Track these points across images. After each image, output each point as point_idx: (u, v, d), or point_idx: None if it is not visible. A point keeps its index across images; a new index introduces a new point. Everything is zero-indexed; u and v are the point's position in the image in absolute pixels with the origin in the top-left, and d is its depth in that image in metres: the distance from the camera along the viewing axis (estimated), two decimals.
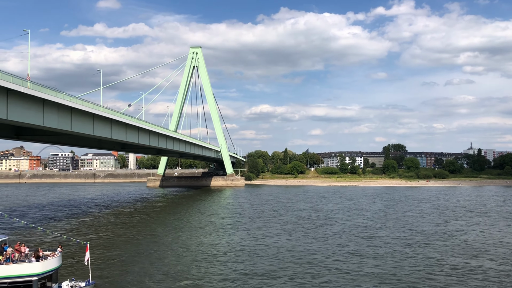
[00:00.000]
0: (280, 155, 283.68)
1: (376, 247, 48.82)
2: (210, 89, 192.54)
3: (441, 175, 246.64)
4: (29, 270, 26.85)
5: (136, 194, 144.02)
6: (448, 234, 58.28)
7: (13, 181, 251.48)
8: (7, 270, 26.65)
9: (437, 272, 37.67)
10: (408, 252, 46.02)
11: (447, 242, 52.09)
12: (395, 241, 52.50)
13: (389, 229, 62.27)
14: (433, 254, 45.18)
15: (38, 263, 27.23)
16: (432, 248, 48.42)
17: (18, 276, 26.64)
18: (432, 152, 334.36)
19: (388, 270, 38.09)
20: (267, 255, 44.10)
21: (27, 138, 73.93)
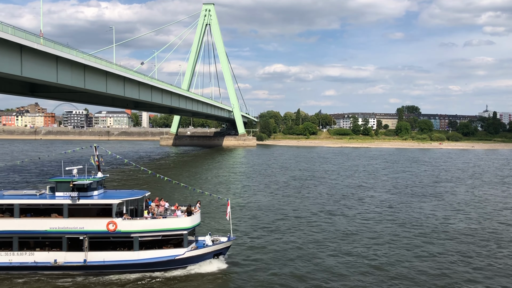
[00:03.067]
0: (292, 115, 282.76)
1: (350, 207, 49.73)
2: (222, 47, 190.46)
3: (454, 138, 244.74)
4: (181, 224, 27.89)
5: (160, 151, 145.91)
6: (433, 195, 59.18)
7: (28, 137, 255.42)
8: (162, 224, 27.75)
9: (400, 234, 38.32)
10: (383, 212, 46.96)
11: (432, 203, 53.07)
12: (374, 201, 53.61)
13: (377, 190, 63.31)
14: (412, 215, 45.76)
15: (188, 218, 28.19)
16: (414, 210, 48.83)
17: (172, 229, 27.75)
18: (446, 115, 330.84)
19: (353, 229, 39.23)
20: (250, 210, 46.25)
21: (42, 95, 74.69)
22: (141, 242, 27.45)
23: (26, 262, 27.13)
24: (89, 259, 27.09)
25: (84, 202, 27.88)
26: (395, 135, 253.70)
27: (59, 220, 27.49)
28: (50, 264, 27.05)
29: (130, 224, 27.38)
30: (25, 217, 27.68)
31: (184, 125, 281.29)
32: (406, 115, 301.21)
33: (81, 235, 27.19)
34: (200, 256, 28.38)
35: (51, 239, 27.56)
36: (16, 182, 64.02)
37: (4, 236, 27.42)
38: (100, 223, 27.26)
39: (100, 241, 27.42)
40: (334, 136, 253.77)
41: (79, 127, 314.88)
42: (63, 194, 28.19)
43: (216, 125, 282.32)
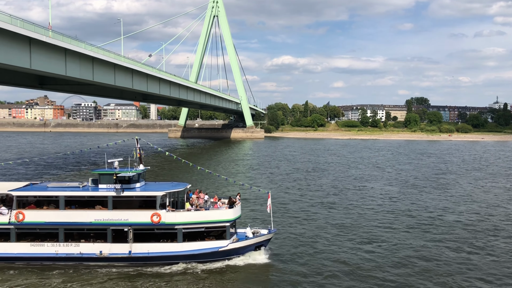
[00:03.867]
0: (300, 107, 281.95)
1: (348, 199, 49.69)
2: (230, 39, 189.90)
3: (463, 130, 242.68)
4: (224, 216, 28.10)
5: (168, 143, 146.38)
6: (435, 187, 58.99)
7: (38, 129, 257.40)
8: (206, 216, 28.01)
9: (394, 224, 38.38)
10: (380, 202, 47.01)
11: (432, 195, 52.86)
12: (375, 192, 53.56)
13: (378, 181, 63.14)
14: (408, 207, 45.66)
15: (230, 210, 28.36)
16: (410, 201, 48.74)
17: (215, 221, 27.98)
18: (455, 106, 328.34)
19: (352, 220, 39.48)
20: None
21: (50, 88, 75.06)
22: (184, 234, 27.70)
23: (72, 253, 27.60)
24: (134, 250, 27.46)
25: (128, 194, 28.21)
26: (404, 127, 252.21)
27: (103, 212, 27.86)
28: (96, 256, 27.47)
29: (174, 216, 27.67)
30: (69, 209, 28.10)
31: (192, 118, 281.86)
32: (415, 106, 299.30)
33: (126, 227, 27.55)
34: (243, 248, 28.58)
35: (96, 230, 27.98)
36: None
37: (50, 227, 27.87)
38: (144, 215, 27.58)
39: (144, 233, 27.78)
40: (342, 128, 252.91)
41: (88, 119, 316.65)
42: (107, 186, 28.49)
43: (224, 117, 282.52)
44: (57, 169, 71.86)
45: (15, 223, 27.64)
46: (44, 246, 27.72)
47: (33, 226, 27.90)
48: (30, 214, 27.78)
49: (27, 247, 27.70)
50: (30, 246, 27.71)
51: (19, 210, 27.79)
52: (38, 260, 27.56)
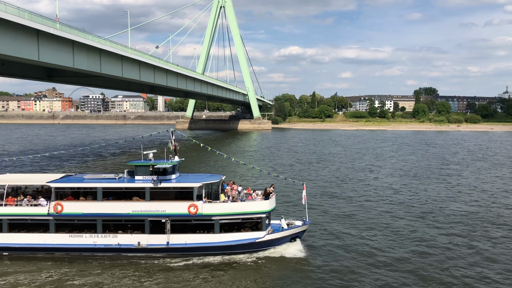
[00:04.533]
0: (308, 98, 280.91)
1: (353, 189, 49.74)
2: (237, 30, 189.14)
3: (472, 120, 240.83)
4: (260, 207, 28.22)
5: (176, 135, 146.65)
6: (437, 177, 59.02)
7: (47, 122, 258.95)
8: (242, 207, 28.18)
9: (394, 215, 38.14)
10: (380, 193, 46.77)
11: (434, 185, 52.80)
12: (379, 183, 53.15)
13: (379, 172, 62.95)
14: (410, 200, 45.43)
15: (267, 201, 28.48)
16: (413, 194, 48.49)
17: (251, 212, 28.11)
18: (464, 96, 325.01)
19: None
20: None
21: (59, 80, 75.35)
22: (220, 225, 27.84)
23: (110, 244, 27.87)
24: (172, 241, 27.61)
25: (166, 185, 28.38)
26: (412, 118, 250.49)
27: (141, 203, 28.08)
28: (134, 246, 27.69)
29: (211, 207, 27.80)
30: (107, 200, 28.38)
31: (199, 109, 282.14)
32: (423, 97, 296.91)
33: (163, 218, 27.71)
34: (279, 239, 28.67)
35: (133, 221, 28.19)
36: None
37: (88, 218, 28.15)
38: (181, 206, 27.75)
39: (182, 224, 27.93)
40: (350, 119, 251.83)
41: (96, 111, 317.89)
42: (143, 177, 28.71)
43: (231, 108, 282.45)
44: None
45: (54, 214, 28.01)
46: (83, 237, 28.03)
47: (72, 217, 28.28)
48: (68, 205, 28.16)
49: (66, 238, 28.05)
50: (69, 237, 28.07)
51: (57, 202, 28.15)
52: (77, 251, 27.93)
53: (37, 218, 28.27)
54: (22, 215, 28.29)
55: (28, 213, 28.27)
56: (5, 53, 44.94)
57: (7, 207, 28.35)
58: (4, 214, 28.21)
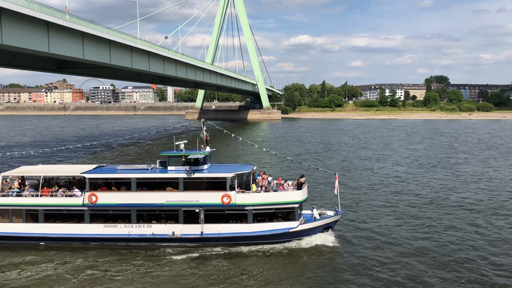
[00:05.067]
0: (318, 88, 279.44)
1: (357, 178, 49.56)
2: (246, 19, 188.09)
3: (485, 108, 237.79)
4: (293, 197, 28.31)
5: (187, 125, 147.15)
6: (442, 166, 59.01)
7: (58, 113, 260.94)
8: (275, 197, 28.22)
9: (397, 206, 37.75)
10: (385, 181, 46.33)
11: (439, 174, 52.60)
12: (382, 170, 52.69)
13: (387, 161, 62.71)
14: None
15: (299, 192, 28.55)
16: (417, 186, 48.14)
17: (284, 203, 28.20)
18: (476, 84, 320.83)
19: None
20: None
21: (69, 71, 75.75)
22: (253, 214, 27.97)
23: (145, 234, 28.16)
24: (205, 231, 27.82)
25: (199, 176, 28.65)
26: (423, 106, 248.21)
27: (175, 193, 28.35)
28: (168, 236, 27.98)
29: (244, 197, 27.94)
30: (140, 190, 28.67)
31: (208, 99, 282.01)
32: (434, 85, 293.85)
33: (197, 208, 27.92)
34: (312, 229, 28.71)
35: (167, 212, 28.42)
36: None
37: (123, 209, 28.53)
38: (214, 196, 27.94)
39: (215, 214, 28.13)
40: (360, 108, 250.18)
41: (106, 102, 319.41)
42: (175, 168, 29.01)
43: (241, 99, 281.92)
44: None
45: (89, 204, 28.40)
46: (117, 227, 28.39)
47: (106, 208, 28.61)
48: (102, 196, 28.50)
49: (101, 228, 28.43)
50: (104, 227, 28.43)
51: (92, 192, 28.53)
52: (111, 241, 28.26)
53: (72, 209, 28.68)
54: (57, 206, 28.73)
55: (63, 204, 28.70)
56: (15, 45, 45.21)
57: (42, 197, 28.80)
58: (40, 205, 28.66)
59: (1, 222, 28.88)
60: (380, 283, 22.85)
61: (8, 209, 28.82)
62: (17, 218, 28.84)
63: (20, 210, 28.77)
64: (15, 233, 28.62)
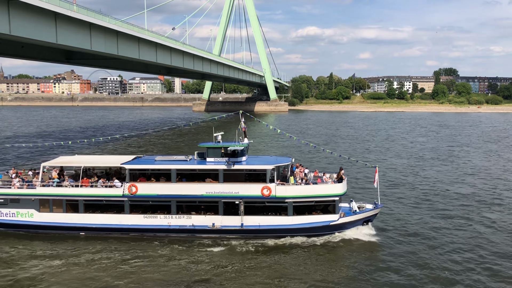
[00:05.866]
0: (325, 80, 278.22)
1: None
2: (254, 10, 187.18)
3: (494, 101, 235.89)
4: (334, 190, 28.25)
5: (194, 117, 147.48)
6: (443, 159, 59.10)
7: (66, 104, 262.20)
8: (316, 190, 28.18)
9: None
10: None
11: (438, 167, 52.61)
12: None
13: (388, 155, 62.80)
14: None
15: (340, 185, 28.42)
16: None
17: (325, 195, 28.15)
18: (486, 77, 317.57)
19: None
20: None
21: (77, 62, 75.99)
22: (293, 207, 27.85)
23: (185, 225, 28.35)
24: (245, 223, 27.86)
25: (239, 167, 28.64)
26: (432, 99, 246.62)
27: (215, 185, 28.36)
28: (208, 228, 28.09)
29: (284, 189, 27.87)
30: (180, 181, 28.77)
31: (216, 91, 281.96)
32: (443, 78, 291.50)
33: (237, 200, 27.98)
34: (352, 222, 28.64)
35: (207, 203, 28.50)
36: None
37: (163, 200, 28.66)
38: (254, 188, 27.93)
39: (255, 206, 28.14)
40: (368, 100, 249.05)
41: (114, 93, 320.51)
42: (214, 159, 28.99)
43: (248, 90, 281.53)
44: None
45: (129, 195, 28.59)
46: (157, 218, 28.53)
47: (146, 199, 28.77)
48: (142, 186, 28.65)
49: (141, 219, 28.60)
50: (143, 218, 28.59)
51: (132, 183, 28.69)
52: (151, 232, 28.48)
53: (112, 199, 28.91)
54: (97, 196, 28.97)
55: (103, 194, 28.92)
56: (24, 35, 45.43)
57: (83, 188, 29.08)
58: (81, 195, 28.96)
59: (42, 212, 29.18)
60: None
61: (48, 199, 29.09)
62: (57, 208, 29.14)
63: (61, 200, 29.05)
64: (55, 223, 28.96)
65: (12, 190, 29.45)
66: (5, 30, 42.46)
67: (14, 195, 29.36)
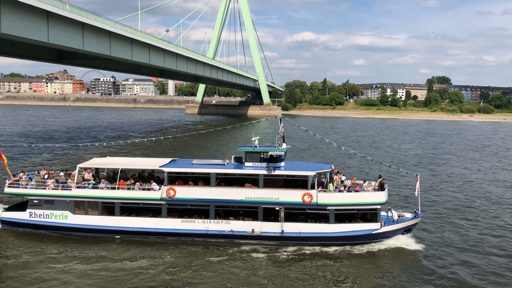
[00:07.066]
0: (319, 85, 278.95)
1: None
2: (249, 15, 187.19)
3: (485, 110, 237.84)
4: (377, 198, 27.54)
5: (188, 120, 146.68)
6: (423, 166, 59.12)
7: (58, 103, 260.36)
8: (359, 198, 27.47)
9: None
10: None
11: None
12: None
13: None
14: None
15: (383, 193, 27.68)
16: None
17: (367, 203, 27.43)
18: (478, 86, 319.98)
19: None
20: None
21: (69, 62, 75.38)
22: (335, 215, 27.23)
23: (223, 230, 27.55)
24: (286, 229, 27.17)
25: (279, 173, 27.96)
26: (424, 107, 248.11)
27: (254, 190, 27.75)
28: (248, 234, 27.36)
29: (326, 196, 27.19)
30: (219, 186, 28.11)
31: (209, 94, 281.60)
32: (436, 86, 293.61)
33: (277, 206, 27.30)
34: (394, 231, 28.00)
35: (246, 208, 27.86)
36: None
37: (201, 204, 27.95)
38: (295, 194, 27.26)
39: (296, 213, 27.47)
40: (361, 106, 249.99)
41: (107, 94, 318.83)
42: (253, 164, 28.34)
43: (241, 94, 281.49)
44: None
45: (166, 198, 27.93)
46: (195, 223, 27.82)
47: (184, 202, 28.12)
48: (181, 190, 28.00)
49: (178, 223, 27.90)
50: (181, 222, 27.89)
51: (170, 186, 28.05)
52: (189, 236, 27.74)
53: (149, 202, 28.25)
54: (134, 199, 28.31)
55: (141, 197, 28.24)
56: (15, 34, 44.83)
57: (120, 190, 28.44)
58: (117, 197, 28.30)
59: (77, 214, 28.56)
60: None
61: (84, 201, 28.49)
62: (92, 210, 28.53)
63: (96, 202, 28.43)
64: (90, 226, 28.32)
65: (47, 191, 28.80)
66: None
67: (48, 196, 28.74)
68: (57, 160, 55.95)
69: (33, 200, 29.05)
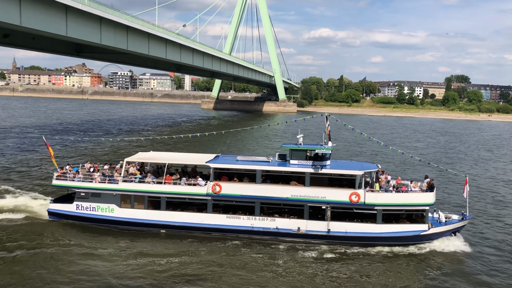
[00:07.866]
0: (335, 82, 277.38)
1: None
2: (266, 10, 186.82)
3: (505, 110, 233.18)
4: (426, 199, 27.03)
5: (203, 115, 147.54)
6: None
7: (76, 96, 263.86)
8: (407, 198, 27.14)
9: None
10: None
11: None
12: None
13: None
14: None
15: (432, 194, 27.32)
16: None
17: (415, 204, 27.12)
18: (498, 85, 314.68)
19: None
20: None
21: (87, 56, 76.31)
22: (383, 215, 27.02)
23: (268, 227, 27.60)
24: (332, 229, 27.07)
25: (326, 171, 27.79)
26: (442, 106, 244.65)
27: (300, 188, 27.68)
28: (293, 232, 27.33)
29: (374, 196, 26.95)
30: (264, 183, 28.22)
31: (225, 90, 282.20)
32: (454, 84, 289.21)
33: (324, 205, 27.21)
34: (442, 233, 27.71)
35: (292, 206, 27.86)
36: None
37: (246, 200, 28.09)
38: (342, 193, 27.12)
39: (342, 212, 27.32)
40: (377, 104, 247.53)
41: (124, 88, 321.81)
42: (298, 162, 28.42)
43: (257, 90, 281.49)
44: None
45: (212, 194, 28.14)
46: (240, 219, 27.98)
47: (230, 199, 28.31)
48: (227, 186, 28.17)
49: (223, 219, 28.09)
50: (226, 218, 28.06)
51: (216, 182, 28.27)
52: (234, 233, 27.87)
53: (195, 198, 28.52)
54: (180, 194, 28.59)
55: (187, 192, 28.49)
56: (34, 27, 45.63)
57: (166, 185, 28.74)
58: (164, 192, 28.60)
59: (123, 207, 28.97)
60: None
61: (130, 194, 28.87)
62: (138, 204, 28.89)
63: (143, 196, 28.76)
64: (136, 219, 28.69)
65: (94, 184, 29.24)
66: (16, 21, 42.64)
67: (95, 189, 29.17)
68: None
69: (80, 192, 29.49)
